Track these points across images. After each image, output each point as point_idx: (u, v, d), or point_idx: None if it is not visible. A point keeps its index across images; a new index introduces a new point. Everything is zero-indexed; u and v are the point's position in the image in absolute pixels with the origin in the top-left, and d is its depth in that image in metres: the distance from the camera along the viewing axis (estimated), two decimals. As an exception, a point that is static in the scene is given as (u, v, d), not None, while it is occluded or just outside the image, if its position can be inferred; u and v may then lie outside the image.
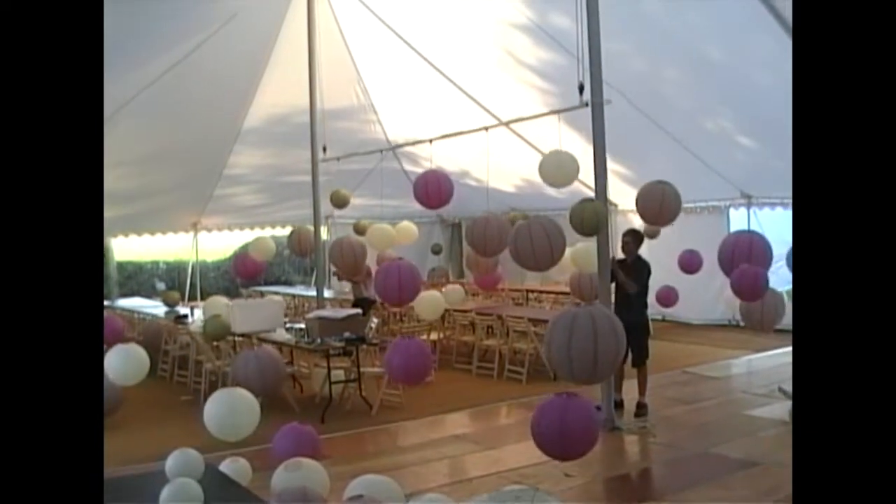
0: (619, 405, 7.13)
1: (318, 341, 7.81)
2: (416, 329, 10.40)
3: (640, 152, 10.45)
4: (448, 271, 15.39)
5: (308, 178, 10.37)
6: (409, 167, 13.34)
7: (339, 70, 10.93)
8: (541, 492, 1.70)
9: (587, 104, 6.39)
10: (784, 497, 4.59)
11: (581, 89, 6.38)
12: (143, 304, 12.94)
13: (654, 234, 9.75)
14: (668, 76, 9.34)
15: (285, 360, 8.12)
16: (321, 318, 8.11)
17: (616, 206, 12.27)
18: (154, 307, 12.10)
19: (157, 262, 19.00)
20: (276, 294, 13.78)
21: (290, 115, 11.44)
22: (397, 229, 10.49)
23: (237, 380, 5.94)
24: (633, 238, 7.46)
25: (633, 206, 11.80)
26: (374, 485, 3.16)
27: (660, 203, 6.34)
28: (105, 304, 12.53)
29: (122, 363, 4.98)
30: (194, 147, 11.57)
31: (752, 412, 7.15)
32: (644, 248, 7.61)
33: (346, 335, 7.83)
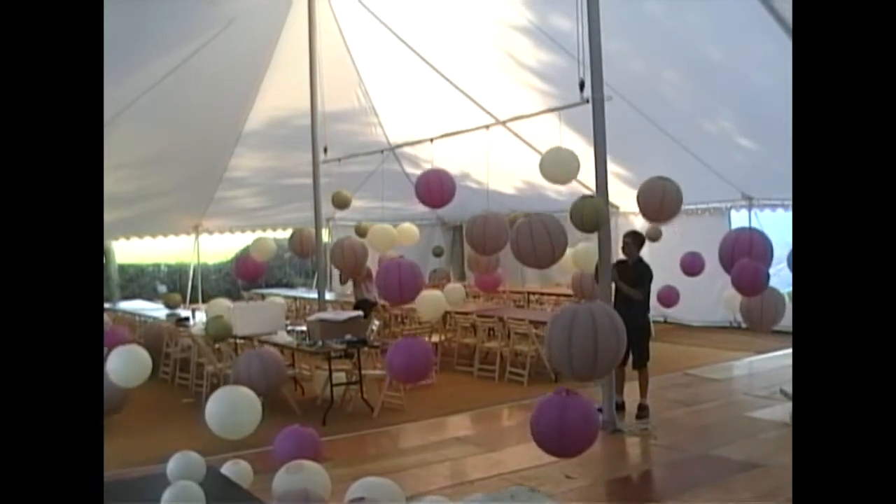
0: (620, 407, 7.12)
1: (320, 344, 7.82)
2: (418, 331, 10.38)
3: (640, 154, 10.45)
4: (449, 273, 15.40)
5: (309, 180, 10.38)
6: (409, 169, 13.35)
7: (339, 72, 10.94)
8: (537, 491, 1.69)
9: (587, 100, 6.38)
10: (785, 499, 4.58)
11: (581, 85, 6.37)
12: (145, 307, 12.96)
13: (655, 236, 9.76)
14: (668, 77, 9.34)
15: (287, 363, 8.13)
16: (322, 321, 8.11)
17: (617, 207, 12.28)
18: (155, 310, 12.12)
19: (158, 265, 19.02)
20: (277, 296, 13.78)
21: (290, 118, 11.45)
22: (398, 230, 10.49)
23: (239, 379, 5.93)
24: (634, 239, 7.43)
25: (633, 208, 11.81)
26: (375, 487, 3.17)
27: (661, 199, 6.30)
28: (106, 306, 12.55)
29: (124, 365, 4.99)
30: (195, 149, 11.57)
31: (753, 414, 7.14)
32: (645, 250, 7.59)
33: (348, 337, 7.84)
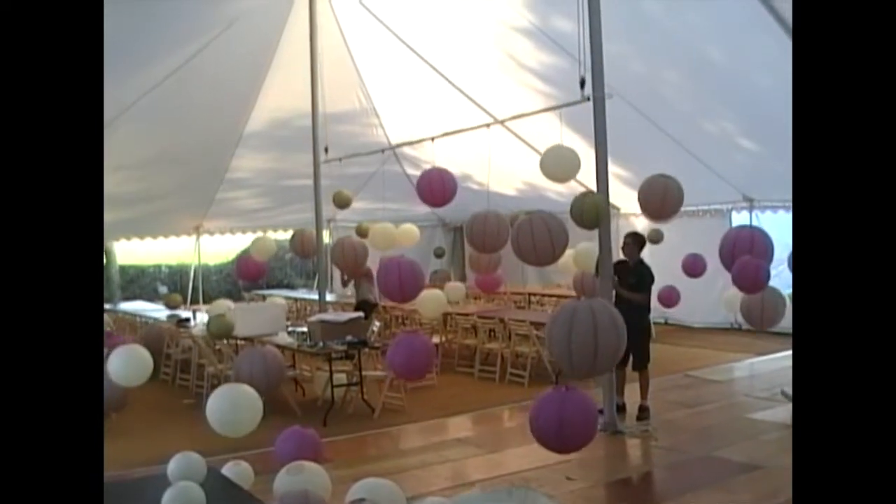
0: (621, 409, 7.11)
1: (321, 345, 7.82)
2: (419, 332, 10.38)
3: (641, 155, 10.45)
4: (450, 274, 15.39)
5: (310, 181, 10.38)
6: (410, 171, 13.35)
7: (340, 74, 10.94)
8: (533, 489, 1.70)
9: (588, 98, 6.38)
10: (786, 501, 4.58)
11: (582, 83, 6.36)
12: (146, 308, 12.96)
13: (657, 238, 9.76)
14: (669, 78, 9.34)
15: (287, 364, 8.12)
16: (323, 322, 8.11)
17: (618, 209, 12.28)
18: (156, 311, 12.12)
19: (159, 266, 19.04)
20: (278, 297, 13.75)
21: (292, 119, 11.45)
22: (399, 230, 10.47)
23: (241, 377, 5.88)
24: (634, 240, 7.44)
25: (634, 209, 11.83)
26: (376, 488, 3.16)
27: (662, 197, 6.26)
28: (107, 307, 12.56)
29: (124, 364, 4.98)
30: (196, 150, 11.58)
31: (754, 415, 7.14)
32: (646, 252, 7.59)
33: (349, 338, 7.84)
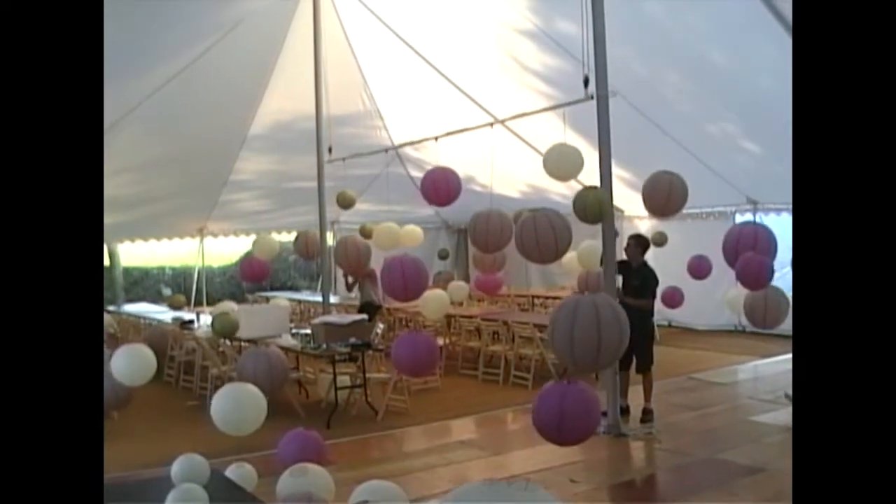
0: (624, 411, 7.11)
1: (324, 347, 7.82)
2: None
3: (644, 157, 10.42)
4: (454, 276, 15.37)
5: (313, 183, 10.39)
6: (414, 172, 13.36)
7: (344, 76, 10.96)
8: (532, 483, 1.69)
9: (592, 97, 6.37)
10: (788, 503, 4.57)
11: (586, 81, 6.35)
12: (150, 310, 12.97)
13: (661, 241, 9.74)
14: (671, 80, 9.33)
15: (291, 366, 8.13)
16: (327, 324, 8.11)
17: (622, 211, 12.27)
18: (160, 312, 12.14)
19: (163, 268, 19.08)
20: (281, 299, 13.74)
21: (295, 121, 11.47)
22: (403, 230, 10.46)
23: (244, 376, 5.86)
24: (636, 242, 7.45)
25: (638, 212, 11.81)
26: (379, 490, 3.16)
27: (667, 193, 6.22)
28: (111, 309, 12.58)
29: (127, 363, 4.97)
30: (200, 153, 11.60)
31: (758, 418, 7.13)
32: (649, 254, 7.59)
33: (352, 341, 7.84)
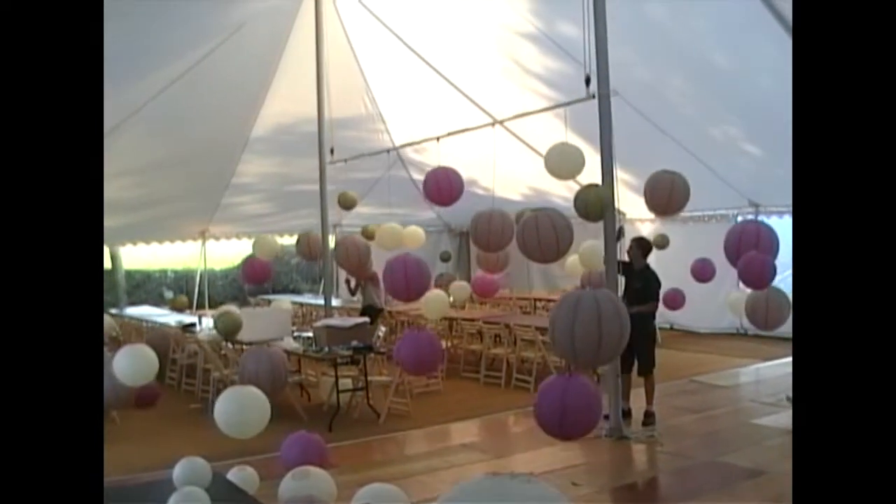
0: (626, 414, 7.11)
1: (326, 350, 7.83)
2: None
3: (645, 160, 10.40)
4: (456, 278, 15.36)
5: (315, 186, 10.39)
6: (416, 175, 13.35)
7: (346, 79, 10.97)
8: (535, 478, 1.69)
9: (594, 96, 6.38)
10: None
11: (588, 81, 6.36)
12: (152, 313, 12.98)
13: (663, 243, 9.74)
14: (673, 82, 9.34)
15: (293, 369, 8.13)
16: (329, 327, 8.12)
17: (624, 214, 12.26)
18: (162, 315, 12.15)
19: (165, 271, 19.06)
20: (283, 302, 13.74)
21: (297, 124, 11.48)
22: (406, 231, 10.45)
23: (246, 375, 5.84)
24: (638, 244, 7.48)
25: (640, 214, 11.80)
26: (381, 493, 3.16)
27: (669, 192, 6.23)
28: (113, 312, 12.58)
29: (129, 363, 4.97)
30: (202, 156, 11.61)
31: (759, 421, 7.12)
32: (651, 257, 7.59)
33: (354, 344, 7.85)
